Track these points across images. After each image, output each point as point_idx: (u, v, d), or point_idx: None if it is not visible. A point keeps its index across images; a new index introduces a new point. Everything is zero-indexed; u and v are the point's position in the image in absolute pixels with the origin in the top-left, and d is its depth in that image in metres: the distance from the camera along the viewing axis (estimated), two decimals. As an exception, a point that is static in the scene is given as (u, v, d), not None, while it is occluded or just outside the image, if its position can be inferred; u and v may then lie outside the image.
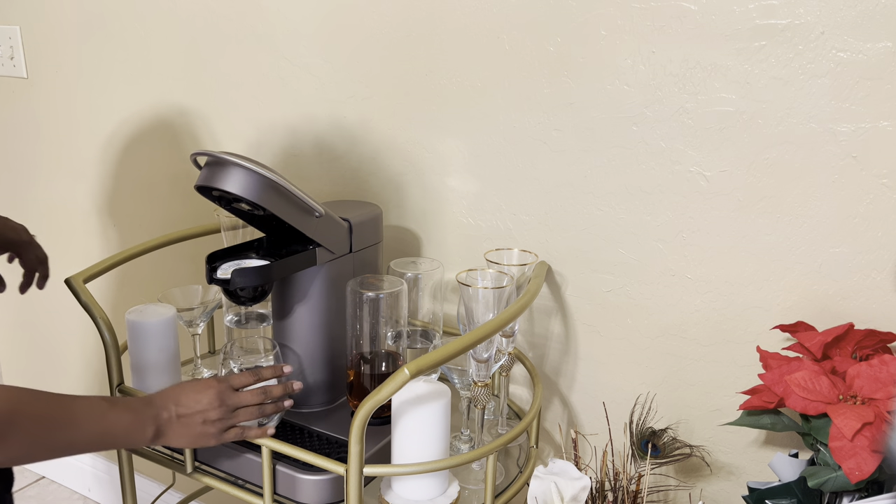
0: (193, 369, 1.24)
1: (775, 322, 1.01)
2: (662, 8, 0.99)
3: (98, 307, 1.06)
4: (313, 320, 1.05)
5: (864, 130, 0.91)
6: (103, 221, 1.70)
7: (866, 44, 0.89)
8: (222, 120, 1.44)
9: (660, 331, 1.10)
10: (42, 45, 1.65)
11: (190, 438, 0.88)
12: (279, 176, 0.93)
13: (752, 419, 0.93)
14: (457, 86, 1.17)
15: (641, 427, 1.04)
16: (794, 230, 0.98)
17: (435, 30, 1.17)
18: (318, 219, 0.99)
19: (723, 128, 0.99)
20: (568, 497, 0.87)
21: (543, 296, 1.19)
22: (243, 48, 1.37)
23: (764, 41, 0.94)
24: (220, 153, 0.92)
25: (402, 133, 1.24)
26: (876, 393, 0.83)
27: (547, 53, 1.08)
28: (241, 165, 0.91)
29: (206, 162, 0.94)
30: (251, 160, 0.92)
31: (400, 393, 0.86)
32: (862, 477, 0.78)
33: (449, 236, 1.25)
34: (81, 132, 1.66)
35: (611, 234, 1.10)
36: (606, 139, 1.07)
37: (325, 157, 1.34)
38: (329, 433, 1.03)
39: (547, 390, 1.23)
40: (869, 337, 0.91)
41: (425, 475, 0.90)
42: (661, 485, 1.14)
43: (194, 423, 0.87)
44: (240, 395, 0.91)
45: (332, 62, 1.28)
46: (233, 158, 0.91)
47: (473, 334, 0.87)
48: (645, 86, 1.02)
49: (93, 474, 1.96)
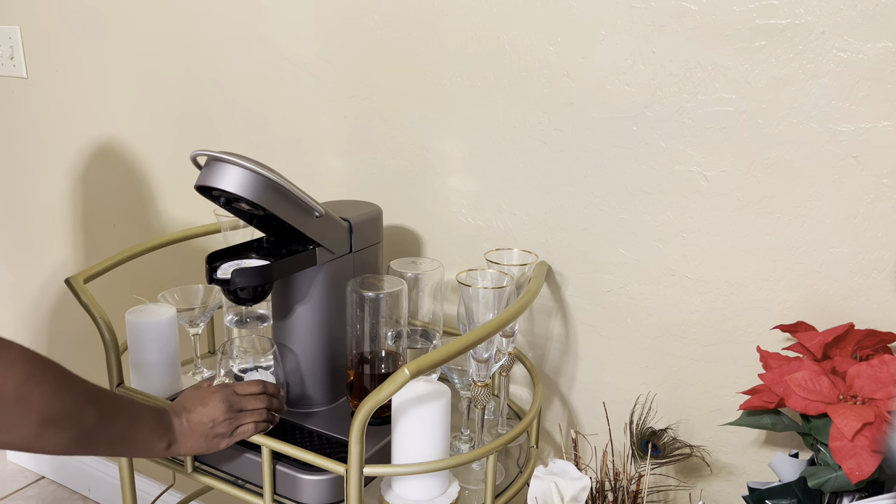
0: (193, 369, 1.24)
1: (775, 322, 1.01)
2: (662, 8, 0.99)
3: (98, 307, 1.06)
4: (313, 320, 1.05)
5: (864, 130, 0.91)
6: (103, 221, 1.70)
7: (866, 44, 0.89)
8: (222, 120, 1.44)
9: (660, 331, 1.10)
10: (42, 45, 1.65)
11: (204, 444, 0.89)
12: (279, 175, 0.93)
13: (753, 419, 0.93)
14: (457, 86, 1.17)
15: (641, 427, 1.04)
16: (794, 230, 0.98)
17: (435, 30, 1.17)
18: (318, 218, 0.99)
19: (723, 128, 0.99)
20: (568, 497, 0.87)
21: (543, 296, 1.19)
22: (243, 48, 1.37)
23: (764, 41, 0.94)
24: (219, 153, 0.92)
25: (402, 133, 1.24)
26: (876, 393, 0.83)
27: (547, 53, 1.08)
28: (241, 165, 0.91)
29: (206, 161, 0.94)
30: (251, 160, 0.92)
31: (400, 393, 0.86)
32: (862, 477, 0.78)
33: (449, 236, 1.25)
34: (81, 132, 1.66)
35: (611, 234, 1.10)
36: (606, 139, 1.07)
37: (324, 157, 1.34)
38: (329, 433, 1.03)
39: (547, 390, 1.23)
40: (869, 337, 0.91)
41: (425, 475, 0.90)
42: (661, 485, 1.14)
43: (205, 428, 0.89)
44: (245, 398, 0.92)
45: (332, 62, 1.28)
46: (232, 158, 0.91)
47: (473, 334, 0.87)
48: (645, 86, 1.02)
49: (93, 474, 1.96)
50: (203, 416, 0.89)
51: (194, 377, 1.22)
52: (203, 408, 0.89)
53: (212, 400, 0.90)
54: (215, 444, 0.90)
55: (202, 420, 0.89)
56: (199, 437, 0.89)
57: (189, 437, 0.88)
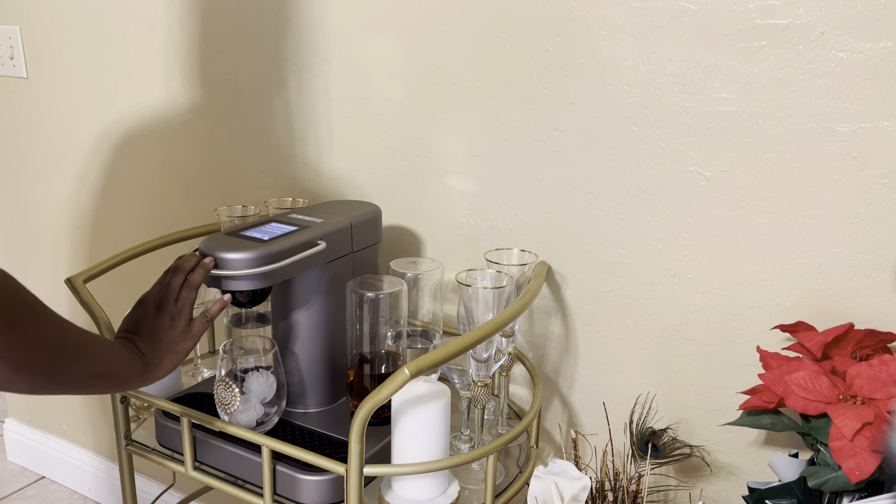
0: (193, 369, 1.24)
1: (775, 322, 1.01)
2: (662, 8, 0.99)
3: (98, 307, 1.06)
4: (313, 320, 1.05)
5: (864, 130, 0.91)
6: (103, 221, 1.70)
7: (866, 44, 0.89)
8: (222, 120, 1.44)
9: (660, 331, 1.10)
10: (42, 45, 1.65)
11: (172, 354, 0.88)
12: (280, 252, 0.94)
13: (752, 419, 0.93)
14: (457, 86, 1.17)
15: (641, 427, 1.04)
16: (794, 230, 0.98)
17: (435, 29, 1.17)
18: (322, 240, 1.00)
19: (723, 128, 0.99)
20: (568, 497, 0.87)
21: (543, 296, 1.19)
22: (243, 48, 1.37)
23: (764, 41, 0.94)
24: (220, 257, 0.93)
25: (402, 133, 1.24)
26: (876, 393, 0.83)
27: (547, 53, 1.08)
28: (243, 276, 0.92)
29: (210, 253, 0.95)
30: (254, 251, 0.93)
31: (400, 393, 0.86)
32: (862, 477, 0.78)
33: (449, 236, 1.25)
34: (81, 132, 1.66)
35: (611, 234, 1.10)
36: (606, 139, 1.07)
37: (325, 157, 1.34)
38: (329, 433, 1.03)
39: (547, 390, 1.23)
40: (869, 337, 0.91)
41: (425, 475, 0.90)
42: (661, 485, 1.14)
43: (164, 338, 0.88)
44: (168, 288, 0.90)
45: (332, 62, 1.28)
46: (233, 266, 0.92)
47: (473, 334, 0.87)
48: (645, 86, 1.02)
49: (93, 474, 1.96)
50: (155, 327, 0.87)
51: (194, 377, 1.22)
52: (149, 322, 0.87)
53: (149, 312, 0.88)
54: (182, 346, 0.89)
55: (156, 331, 0.87)
56: (166, 347, 0.87)
57: (158, 353, 0.86)
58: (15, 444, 2.10)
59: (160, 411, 1.06)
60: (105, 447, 1.92)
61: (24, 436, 2.07)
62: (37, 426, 2.06)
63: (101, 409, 1.89)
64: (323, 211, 1.10)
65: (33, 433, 2.06)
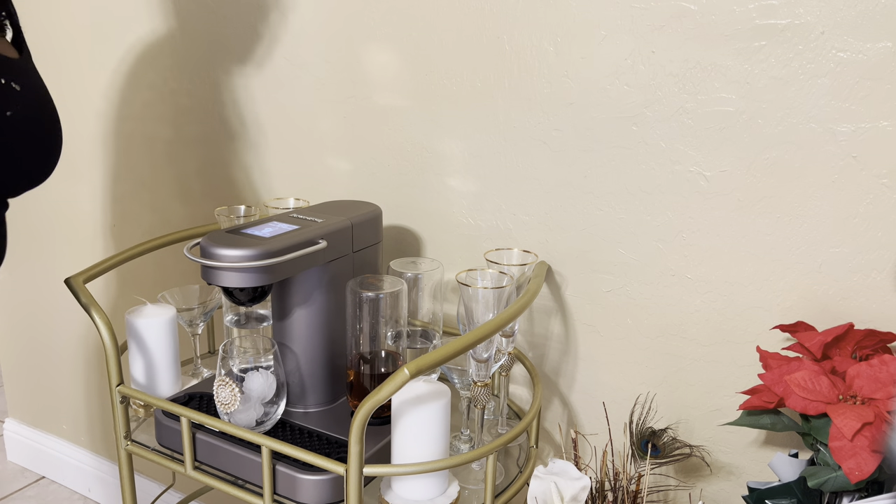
0: (193, 369, 1.24)
1: (775, 322, 1.01)
2: (662, 8, 0.99)
3: (98, 307, 1.06)
4: (313, 320, 1.05)
5: (864, 130, 0.91)
6: (103, 221, 1.70)
7: (866, 44, 0.89)
8: (222, 120, 1.44)
9: (660, 331, 1.10)
10: (42, 45, 1.65)
11: None
12: (277, 249, 0.94)
13: (752, 419, 0.93)
14: (457, 86, 1.17)
15: (641, 427, 1.04)
16: (794, 230, 0.98)
17: (434, 29, 1.17)
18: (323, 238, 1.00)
19: (723, 128, 0.99)
20: (568, 497, 0.87)
21: (543, 296, 1.19)
22: (242, 48, 1.37)
23: (764, 41, 0.94)
24: (212, 252, 0.92)
25: (402, 133, 1.24)
26: (876, 393, 0.83)
27: (547, 53, 1.08)
28: (237, 267, 0.92)
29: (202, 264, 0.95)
30: (248, 246, 0.92)
31: (400, 393, 0.86)
32: (862, 477, 0.78)
33: (449, 236, 1.25)
34: (81, 132, 1.66)
35: (611, 234, 1.10)
36: (606, 139, 1.07)
37: (325, 157, 1.34)
38: (329, 433, 1.03)
39: (547, 390, 1.23)
40: (869, 337, 0.91)
41: (425, 475, 0.90)
42: (661, 485, 1.14)
43: None
44: None
45: (332, 62, 1.28)
46: (224, 262, 0.92)
47: (473, 334, 0.87)
48: (645, 86, 1.02)
49: (93, 474, 1.96)
50: None
51: (194, 377, 1.22)
52: None
53: None
54: None
55: None
56: None
57: None
58: (15, 444, 2.10)
59: (160, 411, 1.06)
60: (105, 447, 1.92)
61: (24, 436, 2.07)
62: (37, 426, 2.06)
63: (101, 409, 1.89)
64: (323, 211, 1.11)
65: (33, 433, 2.06)
